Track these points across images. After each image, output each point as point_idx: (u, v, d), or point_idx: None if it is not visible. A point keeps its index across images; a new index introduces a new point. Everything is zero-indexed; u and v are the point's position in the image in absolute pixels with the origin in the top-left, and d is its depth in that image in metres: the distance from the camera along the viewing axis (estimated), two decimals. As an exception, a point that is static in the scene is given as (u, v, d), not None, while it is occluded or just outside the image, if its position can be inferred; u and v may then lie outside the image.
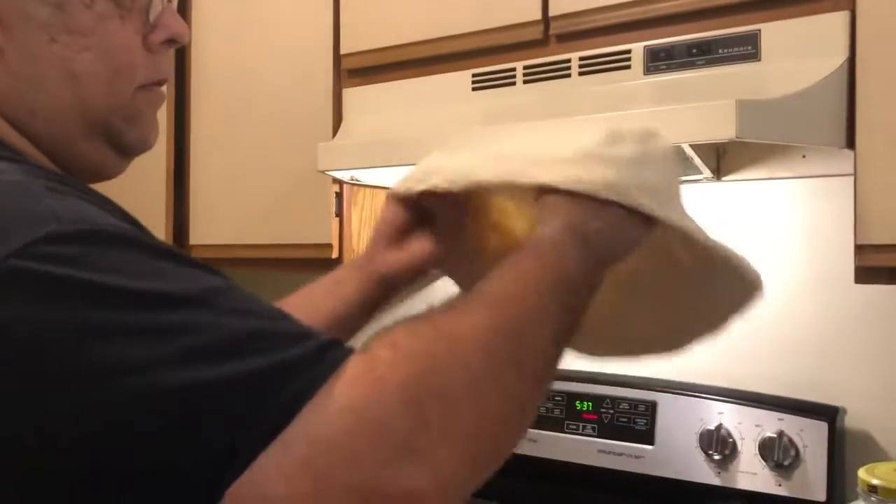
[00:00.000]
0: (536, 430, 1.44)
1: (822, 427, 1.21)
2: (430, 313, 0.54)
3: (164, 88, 0.66)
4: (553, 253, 0.61)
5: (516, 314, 0.55)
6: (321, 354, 0.48)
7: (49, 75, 0.58)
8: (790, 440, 1.22)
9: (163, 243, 0.52)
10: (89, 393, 0.44)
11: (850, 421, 1.25)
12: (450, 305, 0.55)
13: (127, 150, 0.64)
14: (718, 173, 1.37)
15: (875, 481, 1.03)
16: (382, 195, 1.56)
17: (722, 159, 1.36)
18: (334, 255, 1.49)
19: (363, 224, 1.53)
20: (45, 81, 0.58)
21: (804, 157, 1.30)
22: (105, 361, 0.45)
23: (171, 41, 0.64)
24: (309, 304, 0.81)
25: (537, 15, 1.23)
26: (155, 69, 0.64)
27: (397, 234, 0.79)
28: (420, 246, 0.79)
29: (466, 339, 0.51)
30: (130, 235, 0.49)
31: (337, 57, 1.48)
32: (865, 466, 1.07)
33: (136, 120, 0.63)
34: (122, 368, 0.45)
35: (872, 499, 1.03)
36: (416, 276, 0.81)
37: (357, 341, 0.55)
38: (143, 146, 0.65)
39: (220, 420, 0.45)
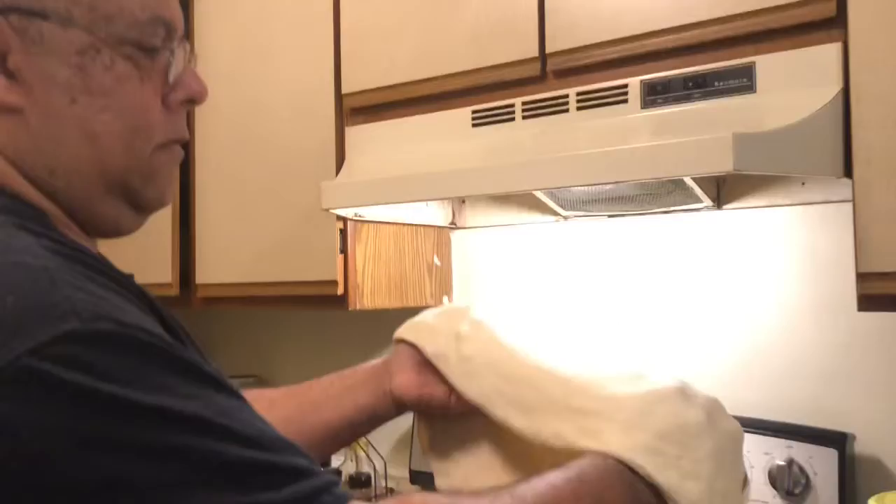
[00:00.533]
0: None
1: (832, 454, 1.21)
2: (456, 495, 0.55)
3: (181, 146, 0.66)
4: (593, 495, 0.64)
5: None
6: (317, 496, 0.48)
7: (69, 135, 0.59)
8: (800, 468, 1.22)
9: (176, 349, 0.51)
10: None
11: (860, 447, 1.25)
12: (476, 494, 0.58)
13: (144, 207, 0.65)
14: (719, 202, 1.38)
15: (886, 509, 1.03)
16: (386, 230, 1.58)
17: (722, 188, 1.37)
18: (339, 291, 1.50)
19: (367, 260, 1.54)
20: (65, 141, 0.59)
21: (803, 184, 1.31)
22: (105, 476, 0.44)
23: (189, 101, 0.65)
24: (323, 401, 0.84)
25: (535, 52, 1.25)
26: (173, 128, 0.64)
27: (419, 359, 0.83)
28: (441, 389, 0.82)
29: None
30: (145, 341, 0.49)
31: (339, 96, 1.50)
32: (876, 496, 1.07)
33: (154, 178, 0.63)
34: (121, 486, 0.44)
35: (884, 527, 1.03)
36: (428, 409, 0.84)
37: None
38: (160, 203, 0.65)
39: None
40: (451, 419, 0.83)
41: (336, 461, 1.78)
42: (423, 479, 1.63)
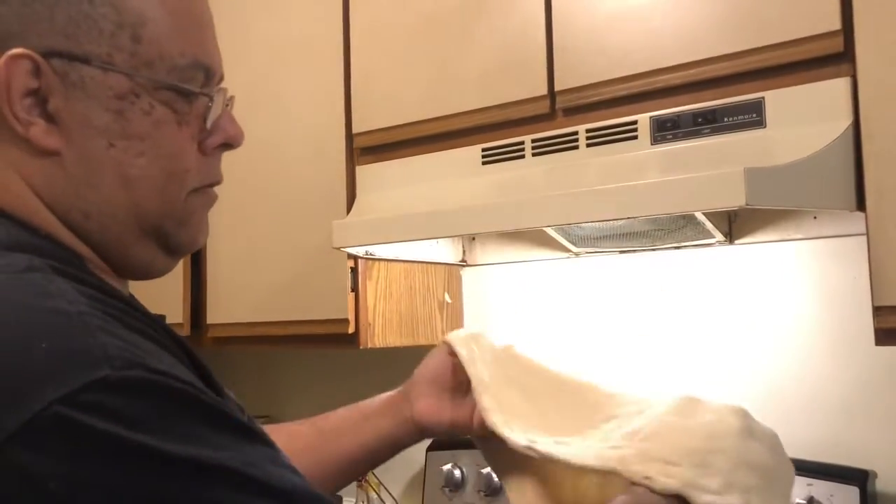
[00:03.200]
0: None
1: (853, 492, 1.19)
2: None
3: (216, 189, 0.67)
4: None
5: None
6: None
7: (105, 179, 0.59)
8: (821, 506, 1.20)
9: (208, 396, 0.50)
10: None
11: (882, 485, 1.22)
12: None
13: (176, 250, 0.65)
14: (731, 237, 1.38)
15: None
16: (396, 268, 1.58)
17: (734, 223, 1.37)
18: (350, 329, 1.49)
19: (378, 298, 1.54)
20: (101, 185, 0.59)
21: (815, 218, 1.31)
22: None
23: (226, 145, 0.65)
24: (343, 430, 0.85)
25: (544, 90, 1.26)
26: (208, 172, 0.64)
27: (439, 385, 0.85)
28: (462, 413, 0.84)
29: None
30: (177, 388, 0.48)
31: (349, 136, 1.51)
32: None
33: (187, 222, 0.63)
34: None
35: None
36: (452, 433, 0.86)
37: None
38: (192, 247, 0.65)
39: None
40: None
41: (347, 502, 1.76)
42: (435, 521, 1.61)
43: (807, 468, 1.24)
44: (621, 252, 1.49)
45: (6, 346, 0.47)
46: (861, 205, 1.01)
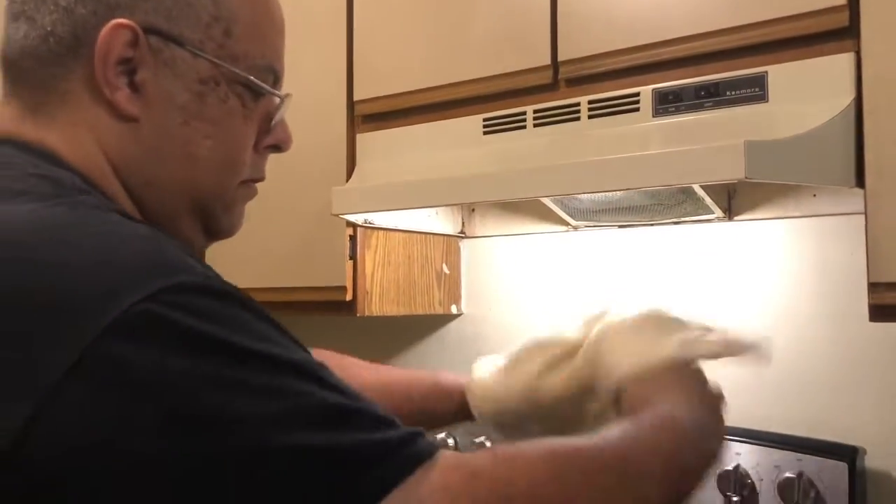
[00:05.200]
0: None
1: (842, 468, 1.20)
2: (536, 441, 0.58)
3: (257, 185, 0.71)
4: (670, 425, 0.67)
5: (624, 457, 0.60)
6: (413, 440, 0.51)
7: (174, 153, 0.63)
8: (810, 481, 1.21)
9: (264, 309, 0.54)
10: (196, 441, 0.47)
11: (871, 461, 1.24)
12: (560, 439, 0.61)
13: (215, 234, 0.70)
14: (730, 213, 1.38)
15: (897, 523, 1.01)
16: (395, 237, 1.58)
17: (733, 199, 1.37)
18: (348, 297, 1.50)
19: (377, 266, 1.54)
20: (168, 158, 0.63)
21: (815, 196, 1.31)
22: (218, 413, 0.47)
23: (276, 147, 0.71)
24: (391, 382, 0.89)
25: (547, 60, 1.25)
26: (256, 168, 0.70)
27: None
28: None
29: (564, 459, 0.56)
30: (244, 297, 0.53)
31: (350, 103, 1.50)
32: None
33: (231, 209, 0.69)
34: (233, 421, 0.47)
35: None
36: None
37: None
38: (228, 234, 0.70)
39: (317, 485, 0.47)
40: None
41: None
42: None
43: (796, 444, 1.25)
44: (620, 227, 1.49)
45: (93, 254, 0.51)
46: (860, 181, 1.01)
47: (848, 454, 1.21)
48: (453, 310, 1.69)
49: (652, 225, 1.45)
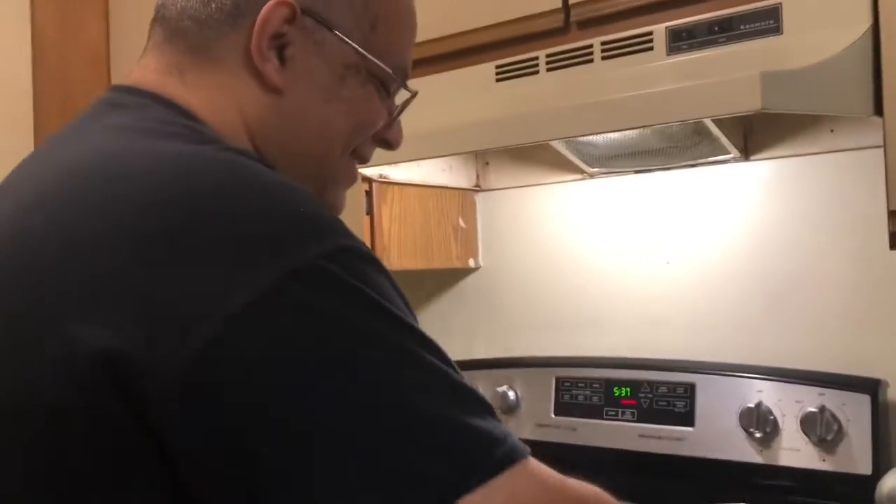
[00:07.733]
0: (575, 419, 1.44)
1: (864, 400, 1.20)
2: None
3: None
4: None
5: None
6: (509, 437, 0.53)
7: (310, 128, 0.67)
8: (832, 415, 1.21)
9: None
10: (355, 389, 0.49)
11: (893, 393, 1.24)
12: None
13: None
14: (746, 153, 1.37)
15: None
16: (411, 192, 1.58)
17: (749, 138, 1.36)
18: (367, 252, 1.51)
19: (393, 221, 1.55)
20: (304, 132, 0.67)
21: (832, 131, 1.30)
22: (368, 371, 0.50)
23: (387, 143, 0.75)
24: None
25: (557, 3, 1.24)
26: (366, 151, 0.73)
27: None
28: None
29: None
30: (383, 266, 0.56)
31: (361, 58, 1.50)
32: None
33: (338, 186, 0.72)
34: (383, 380, 0.50)
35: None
36: None
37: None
38: (336, 211, 0.72)
39: (446, 455, 0.50)
40: None
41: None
42: None
43: (819, 378, 1.26)
44: (636, 172, 1.48)
45: (274, 205, 0.53)
46: (878, 110, 1.00)
47: (870, 387, 1.21)
48: (471, 263, 1.70)
49: (668, 169, 1.44)
